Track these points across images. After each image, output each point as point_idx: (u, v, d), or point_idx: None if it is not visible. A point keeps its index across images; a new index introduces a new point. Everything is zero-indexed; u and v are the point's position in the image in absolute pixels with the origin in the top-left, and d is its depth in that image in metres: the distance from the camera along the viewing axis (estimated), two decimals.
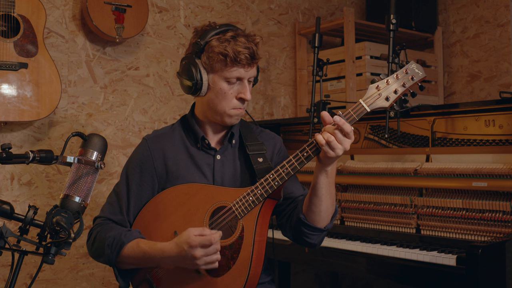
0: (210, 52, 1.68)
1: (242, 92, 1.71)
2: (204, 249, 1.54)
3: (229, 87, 1.70)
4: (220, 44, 1.66)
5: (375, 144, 2.63)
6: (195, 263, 1.55)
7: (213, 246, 1.54)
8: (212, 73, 1.70)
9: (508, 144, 2.18)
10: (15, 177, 2.66)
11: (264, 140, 1.84)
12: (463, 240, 2.18)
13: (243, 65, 1.67)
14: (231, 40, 1.66)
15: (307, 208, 1.69)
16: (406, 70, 1.64)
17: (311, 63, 3.12)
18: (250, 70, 1.71)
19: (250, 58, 1.67)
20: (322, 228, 1.70)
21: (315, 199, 1.65)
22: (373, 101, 1.61)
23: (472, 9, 3.58)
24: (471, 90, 3.58)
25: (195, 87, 1.71)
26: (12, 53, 2.44)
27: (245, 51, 1.66)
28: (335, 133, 1.54)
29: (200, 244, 1.53)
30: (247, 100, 1.72)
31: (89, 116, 2.86)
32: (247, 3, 3.45)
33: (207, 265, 1.56)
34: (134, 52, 3.00)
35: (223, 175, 1.77)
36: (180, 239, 1.57)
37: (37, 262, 2.65)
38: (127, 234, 1.67)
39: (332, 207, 1.69)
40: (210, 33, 1.69)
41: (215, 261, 1.56)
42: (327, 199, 1.65)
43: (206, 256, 1.54)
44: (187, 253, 1.54)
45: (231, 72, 1.68)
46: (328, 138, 1.53)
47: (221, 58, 1.66)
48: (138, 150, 1.82)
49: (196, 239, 1.53)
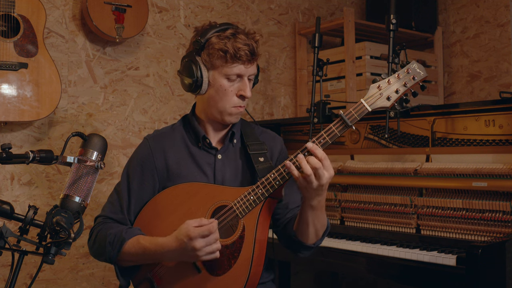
0: (210, 49, 1.69)
1: (242, 89, 1.72)
2: (204, 240, 1.54)
3: (229, 84, 1.71)
4: (220, 41, 1.68)
5: (375, 144, 2.63)
6: (196, 255, 1.55)
7: (212, 235, 1.55)
8: (212, 70, 1.71)
9: (508, 144, 2.18)
10: (15, 177, 2.66)
11: (265, 140, 1.85)
12: (463, 240, 2.18)
13: (243, 61, 1.68)
14: (231, 37, 1.68)
15: (297, 227, 1.73)
16: (408, 69, 1.64)
17: (311, 63, 3.12)
18: (250, 67, 1.72)
19: (250, 55, 1.68)
20: (311, 245, 1.74)
21: (302, 225, 1.70)
22: (374, 101, 1.62)
23: (472, 9, 3.58)
24: (471, 90, 3.58)
25: (196, 84, 1.71)
26: (12, 53, 2.44)
27: (245, 48, 1.67)
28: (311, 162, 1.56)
29: (200, 234, 1.53)
30: (247, 97, 1.73)
31: (89, 116, 2.86)
32: (247, 3, 3.45)
33: (208, 255, 1.56)
34: (134, 52, 3.00)
35: (224, 174, 1.78)
36: (180, 232, 1.57)
37: (37, 262, 2.65)
38: (128, 231, 1.68)
39: (322, 228, 1.72)
40: (210, 31, 1.71)
41: (216, 250, 1.57)
42: (314, 225, 1.69)
43: (207, 246, 1.55)
44: (187, 245, 1.54)
45: (231, 69, 1.69)
46: (308, 170, 1.55)
47: (221, 55, 1.67)
48: (139, 150, 1.82)
49: (195, 230, 1.54)
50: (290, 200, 1.81)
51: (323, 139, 1.62)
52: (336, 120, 1.62)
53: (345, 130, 1.62)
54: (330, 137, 1.62)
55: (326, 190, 1.62)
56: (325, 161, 1.56)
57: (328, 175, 1.56)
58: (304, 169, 1.54)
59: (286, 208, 1.83)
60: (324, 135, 1.62)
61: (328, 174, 1.56)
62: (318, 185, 1.56)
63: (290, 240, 1.78)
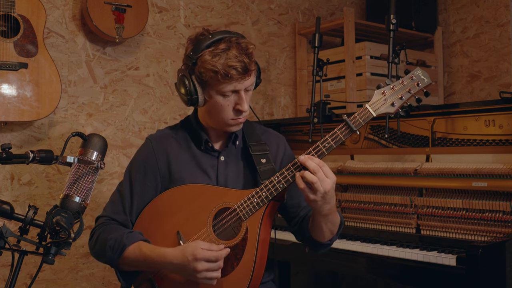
0: (201, 67, 1.65)
1: (238, 103, 1.68)
2: (207, 264, 1.54)
3: (224, 99, 1.68)
4: (211, 60, 1.62)
5: (375, 144, 2.63)
6: (195, 276, 1.55)
7: (217, 263, 1.55)
8: (206, 87, 1.68)
9: (508, 144, 2.18)
10: (15, 177, 2.66)
11: (267, 139, 1.84)
12: (463, 240, 2.18)
13: (235, 79, 1.63)
14: (222, 54, 1.62)
15: (311, 229, 1.74)
16: (412, 76, 1.65)
17: (311, 63, 3.12)
18: (245, 81, 1.66)
19: (242, 72, 1.63)
20: (328, 242, 1.76)
21: (316, 228, 1.71)
22: (379, 106, 1.63)
23: (472, 9, 3.58)
24: (471, 90, 3.58)
25: (191, 101, 1.70)
26: (12, 53, 2.44)
27: (237, 65, 1.61)
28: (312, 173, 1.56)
29: (205, 258, 1.53)
30: (244, 111, 1.69)
31: (89, 116, 2.86)
32: (247, 3, 3.45)
33: (205, 281, 1.56)
34: (134, 52, 3.00)
35: (227, 176, 1.78)
36: (186, 249, 1.56)
37: (37, 262, 2.65)
38: (129, 236, 1.66)
39: (336, 226, 1.72)
40: (203, 45, 1.65)
41: (215, 278, 1.56)
42: (328, 227, 1.69)
43: (208, 272, 1.54)
44: (189, 263, 1.54)
45: (224, 87, 1.65)
46: (311, 178, 1.54)
47: (211, 75, 1.63)
48: (141, 150, 1.82)
49: (203, 252, 1.53)
50: (301, 198, 1.79)
51: (327, 143, 1.62)
52: (341, 125, 1.63)
53: (350, 135, 1.63)
54: (334, 141, 1.62)
55: (333, 196, 1.61)
56: (324, 168, 1.56)
57: (330, 181, 1.56)
58: (308, 177, 1.54)
59: (299, 206, 1.83)
60: (328, 139, 1.63)
61: (330, 180, 1.56)
62: (324, 193, 1.55)
63: (306, 239, 1.80)
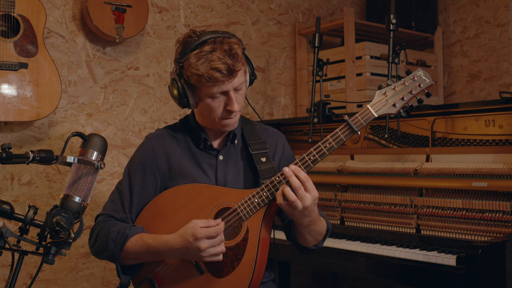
0: (188, 71, 1.65)
1: (228, 104, 1.68)
2: (209, 241, 1.55)
3: (214, 101, 1.68)
4: (195, 64, 1.62)
5: (375, 144, 2.63)
6: (200, 255, 1.56)
7: (218, 238, 1.56)
8: (195, 90, 1.69)
9: (508, 144, 2.18)
10: (15, 177, 2.66)
11: (266, 138, 1.84)
12: (463, 240, 2.18)
13: (221, 81, 1.63)
14: (206, 57, 1.62)
15: (296, 234, 1.76)
16: (414, 76, 1.65)
17: (311, 63, 3.12)
18: (232, 82, 1.65)
19: (226, 74, 1.62)
20: (313, 248, 1.77)
21: (299, 235, 1.73)
22: (380, 107, 1.63)
23: (472, 9, 3.58)
24: (471, 90, 3.58)
25: (182, 104, 1.72)
26: (12, 53, 2.44)
27: (221, 67, 1.60)
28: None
29: (206, 235, 1.54)
30: (234, 111, 1.69)
31: (89, 116, 2.86)
32: (247, 3, 3.45)
33: (212, 257, 1.57)
34: (134, 52, 3.00)
35: (226, 175, 1.78)
36: (185, 231, 1.57)
37: (37, 262, 2.65)
38: (132, 228, 1.68)
39: (320, 235, 1.74)
40: (188, 48, 1.65)
41: (220, 252, 1.58)
42: (311, 235, 1.71)
43: (211, 248, 1.55)
44: (192, 245, 1.55)
45: (210, 89, 1.65)
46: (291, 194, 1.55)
47: (196, 78, 1.64)
48: (141, 149, 1.82)
49: (202, 230, 1.54)
50: None
51: (328, 144, 1.62)
52: (342, 125, 1.63)
53: (351, 136, 1.63)
54: (336, 141, 1.62)
55: (314, 210, 1.61)
56: (307, 183, 1.56)
57: (311, 197, 1.56)
58: (288, 196, 1.55)
59: None
60: (330, 139, 1.63)
61: (311, 196, 1.56)
62: (303, 208, 1.56)
63: (293, 242, 1.82)
